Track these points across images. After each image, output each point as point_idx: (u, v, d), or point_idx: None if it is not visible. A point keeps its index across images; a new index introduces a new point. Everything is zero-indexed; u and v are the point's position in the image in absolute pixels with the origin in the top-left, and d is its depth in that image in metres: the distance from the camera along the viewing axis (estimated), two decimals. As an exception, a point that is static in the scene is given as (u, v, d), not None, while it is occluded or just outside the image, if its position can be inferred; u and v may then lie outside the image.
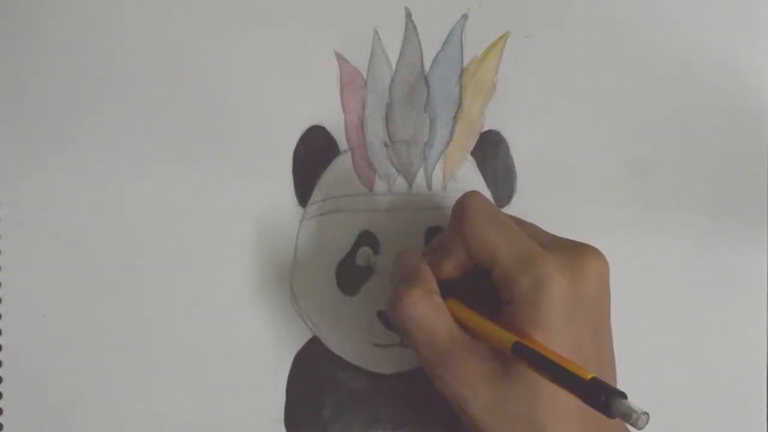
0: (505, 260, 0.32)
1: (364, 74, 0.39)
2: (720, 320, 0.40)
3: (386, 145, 0.39)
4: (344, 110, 0.39)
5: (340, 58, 0.39)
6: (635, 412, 0.26)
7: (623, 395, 0.27)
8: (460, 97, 0.39)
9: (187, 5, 0.39)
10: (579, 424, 0.32)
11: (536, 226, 0.36)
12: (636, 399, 0.39)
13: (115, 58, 0.38)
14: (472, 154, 0.39)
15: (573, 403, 0.30)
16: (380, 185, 0.39)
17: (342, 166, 0.39)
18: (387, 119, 0.39)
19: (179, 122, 0.39)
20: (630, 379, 0.39)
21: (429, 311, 0.32)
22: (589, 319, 0.32)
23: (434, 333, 0.32)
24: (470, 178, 0.39)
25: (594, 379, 0.28)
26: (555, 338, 0.31)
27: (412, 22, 0.39)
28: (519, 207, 0.39)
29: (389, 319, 0.34)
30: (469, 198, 0.34)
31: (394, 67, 0.39)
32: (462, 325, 0.33)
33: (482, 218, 0.33)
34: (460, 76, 0.39)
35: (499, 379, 0.32)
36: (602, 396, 0.27)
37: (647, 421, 0.26)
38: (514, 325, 0.32)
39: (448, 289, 0.34)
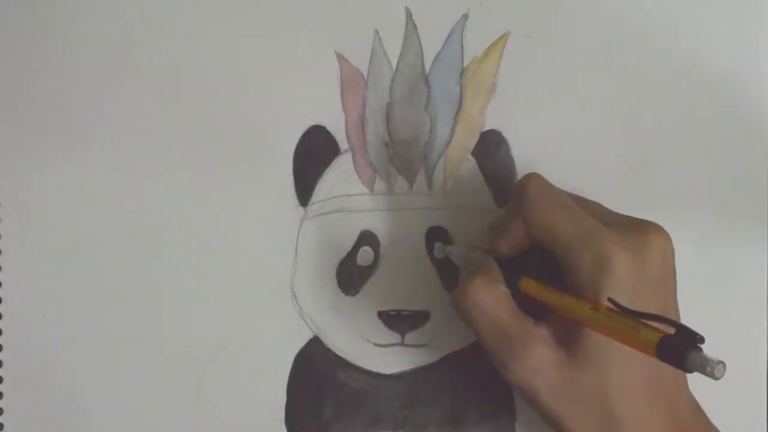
0: (566, 239, 0.32)
1: (365, 74, 0.39)
2: (720, 320, 0.40)
3: (387, 145, 0.39)
4: (345, 110, 0.39)
5: (340, 57, 0.39)
6: (711, 361, 0.25)
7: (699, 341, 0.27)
8: (461, 97, 0.39)
9: (188, 6, 0.39)
10: (649, 402, 0.32)
11: (599, 204, 0.36)
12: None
13: (116, 59, 0.38)
14: (473, 153, 0.39)
15: (642, 382, 0.31)
16: (381, 185, 0.39)
17: (342, 165, 0.39)
18: (387, 119, 0.39)
19: (179, 123, 0.39)
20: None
21: (491, 298, 0.32)
22: (655, 298, 0.32)
23: (498, 319, 0.32)
24: (471, 178, 0.39)
25: (670, 334, 0.27)
26: None
27: (413, 21, 0.39)
28: (519, 207, 0.39)
29: (455, 311, 0.33)
30: (529, 179, 0.34)
31: (394, 67, 0.39)
32: (537, 303, 0.33)
33: (543, 198, 0.33)
34: (461, 76, 0.39)
35: (567, 362, 0.32)
36: (681, 344, 0.26)
37: (724, 371, 0.25)
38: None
39: (514, 270, 0.34)
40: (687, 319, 0.40)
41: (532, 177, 0.34)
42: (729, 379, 0.38)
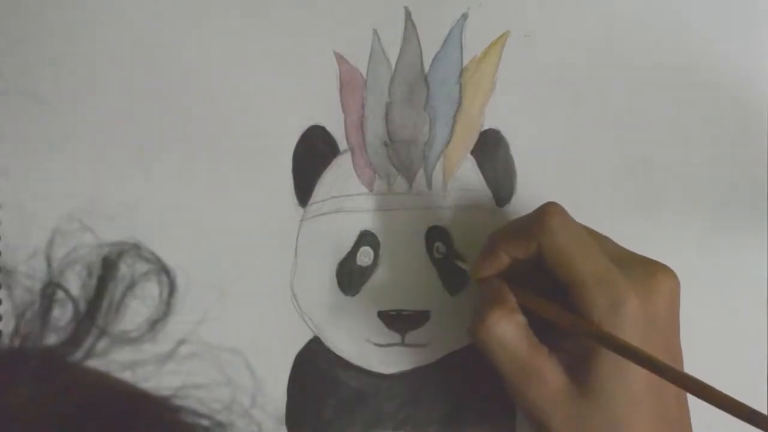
0: (583, 278, 0.33)
1: (364, 74, 0.39)
2: (720, 320, 0.40)
3: (386, 145, 0.39)
4: (344, 110, 0.39)
5: (339, 57, 0.39)
6: None
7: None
8: (460, 97, 0.39)
9: (187, 5, 0.39)
10: None
11: (608, 239, 0.36)
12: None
13: (115, 59, 0.38)
14: (472, 153, 0.39)
15: (652, 417, 0.32)
16: (380, 185, 0.39)
17: (342, 165, 0.39)
18: (387, 119, 0.39)
19: (179, 123, 0.38)
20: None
21: (511, 330, 0.33)
22: (662, 338, 0.33)
23: (517, 350, 0.33)
24: (470, 178, 0.39)
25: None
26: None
27: (412, 21, 0.39)
28: (519, 206, 0.39)
29: (472, 341, 0.34)
30: (552, 210, 0.34)
31: (393, 67, 0.39)
32: (535, 312, 0.34)
33: (565, 234, 0.33)
34: (460, 76, 0.39)
35: (578, 395, 0.32)
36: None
37: None
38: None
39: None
40: (687, 320, 0.40)
41: (555, 209, 0.34)
42: (729, 379, 0.38)
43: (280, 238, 0.39)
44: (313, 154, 0.39)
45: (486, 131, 0.39)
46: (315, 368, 0.39)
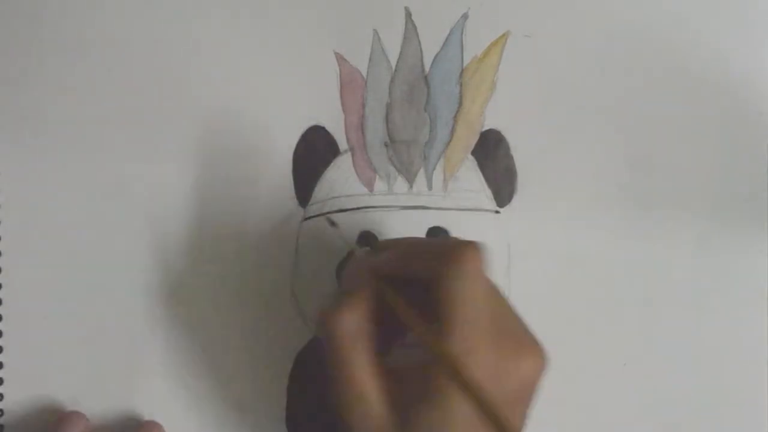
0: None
1: (364, 74, 0.39)
2: (720, 319, 0.40)
3: (386, 145, 0.39)
4: (344, 110, 0.39)
5: (340, 58, 0.39)
6: None
7: None
8: (461, 97, 0.39)
9: (188, 6, 0.39)
10: None
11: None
12: (636, 398, 0.40)
13: (116, 59, 0.38)
14: (473, 153, 0.39)
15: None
16: (380, 185, 0.39)
17: (342, 166, 0.39)
18: (387, 119, 0.39)
19: (179, 123, 0.38)
20: (629, 378, 0.40)
21: (351, 331, 0.31)
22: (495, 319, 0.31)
23: (350, 362, 0.31)
24: (470, 178, 0.39)
25: None
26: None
27: (412, 21, 0.39)
28: (519, 206, 0.39)
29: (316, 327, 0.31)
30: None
31: (394, 67, 0.39)
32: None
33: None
34: (460, 76, 0.39)
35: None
36: None
37: None
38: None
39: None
40: (687, 319, 0.40)
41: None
42: (729, 379, 0.38)
43: (280, 238, 0.39)
44: (313, 155, 0.39)
45: (486, 131, 0.39)
46: (315, 368, 0.39)
